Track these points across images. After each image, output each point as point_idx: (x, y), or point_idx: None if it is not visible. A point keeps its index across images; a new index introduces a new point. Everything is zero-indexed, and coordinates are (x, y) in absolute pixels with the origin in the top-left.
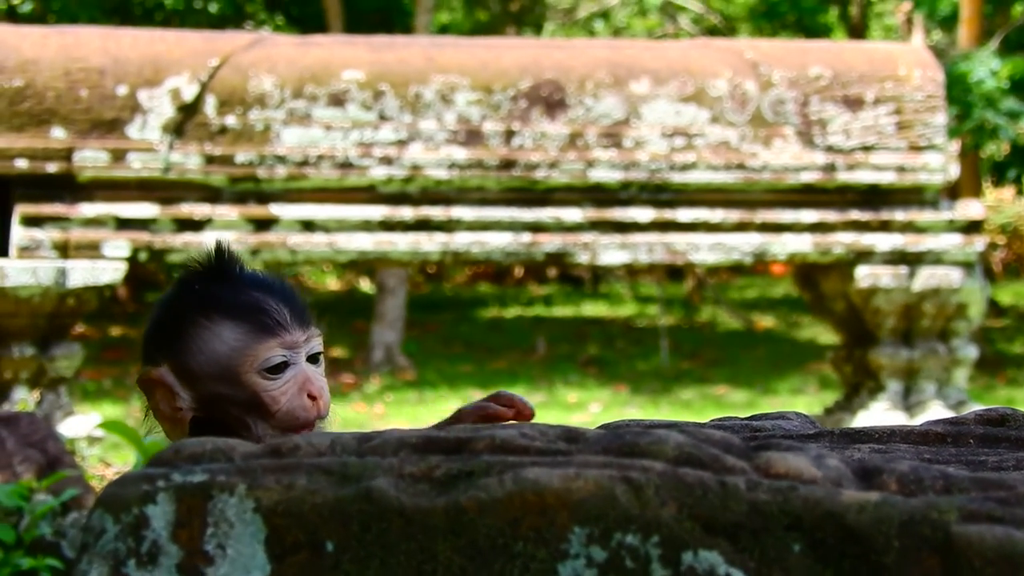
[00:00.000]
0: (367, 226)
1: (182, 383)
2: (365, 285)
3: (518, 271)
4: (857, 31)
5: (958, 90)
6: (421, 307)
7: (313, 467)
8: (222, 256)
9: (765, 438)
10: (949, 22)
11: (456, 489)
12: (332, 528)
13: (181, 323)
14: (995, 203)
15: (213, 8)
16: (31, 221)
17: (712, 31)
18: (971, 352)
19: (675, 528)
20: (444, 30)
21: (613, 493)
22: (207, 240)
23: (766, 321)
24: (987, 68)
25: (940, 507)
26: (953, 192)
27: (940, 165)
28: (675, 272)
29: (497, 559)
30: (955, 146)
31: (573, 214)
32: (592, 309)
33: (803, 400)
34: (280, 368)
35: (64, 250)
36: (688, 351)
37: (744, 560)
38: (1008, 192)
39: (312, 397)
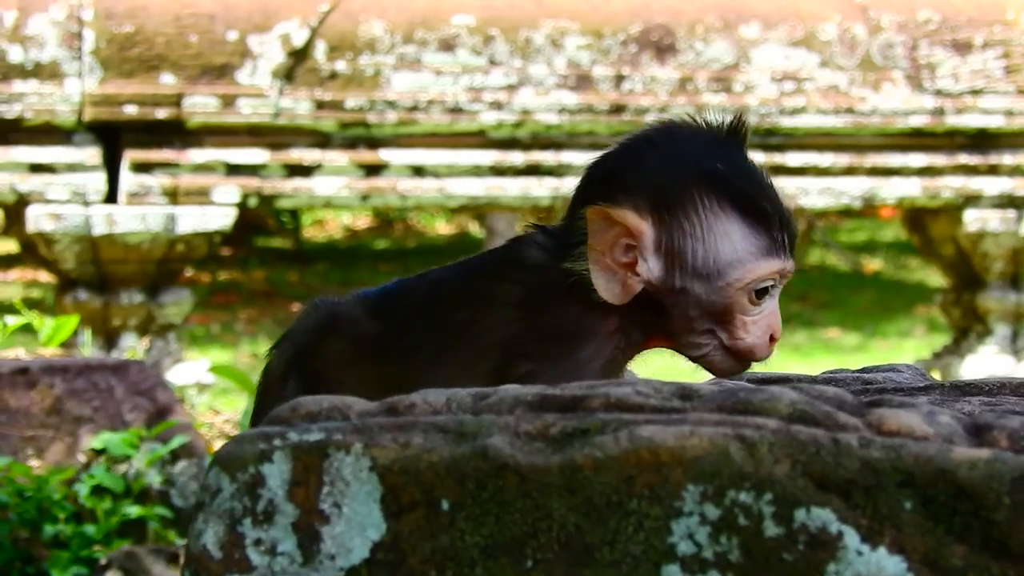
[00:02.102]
0: (477, 171)
1: (656, 251)
2: (475, 229)
3: None
4: None
5: None
6: None
7: (429, 425)
8: (739, 134)
9: (877, 392)
10: None
11: (571, 447)
12: (448, 486)
13: (682, 191)
14: None
15: None
16: (140, 167)
17: None
18: None
19: (788, 486)
20: None
21: (727, 451)
22: (317, 186)
23: (875, 264)
24: None
25: None
26: None
27: None
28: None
29: (612, 516)
30: None
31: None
32: None
33: (912, 343)
34: (763, 294)
35: (173, 196)
36: (797, 294)
37: (856, 517)
38: None
39: (773, 339)
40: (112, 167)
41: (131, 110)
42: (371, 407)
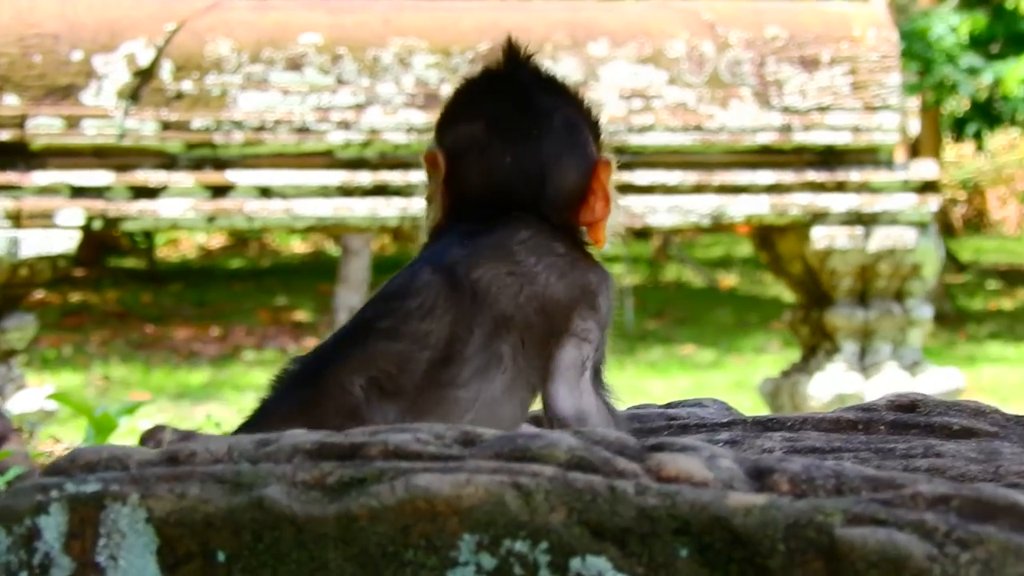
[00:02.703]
0: (325, 192)
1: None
2: (331, 247)
3: None
4: None
5: (918, 46)
6: (388, 268)
7: (206, 475)
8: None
9: (680, 428)
10: None
11: (348, 496)
12: (224, 537)
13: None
14: (956, 159)
15: None
16: None
17: None
18: (926, 312)
19: (564, 534)
20: None
21: (503, 499)
22: (163, 208)
23: (730, 279)
24: (947, 24)
25: (825, 510)
26: (914, 148)
27: (894, 125)
28: (640, 230)
29: (388, 567)
30: (916, 102)
31: None
32: None
33: (767, 358)
34: None
35: (17, 219)
36: (653, 310)
37: (632, 565)
38: (968, 148)
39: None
40: None
41: None
42: (151, 456)
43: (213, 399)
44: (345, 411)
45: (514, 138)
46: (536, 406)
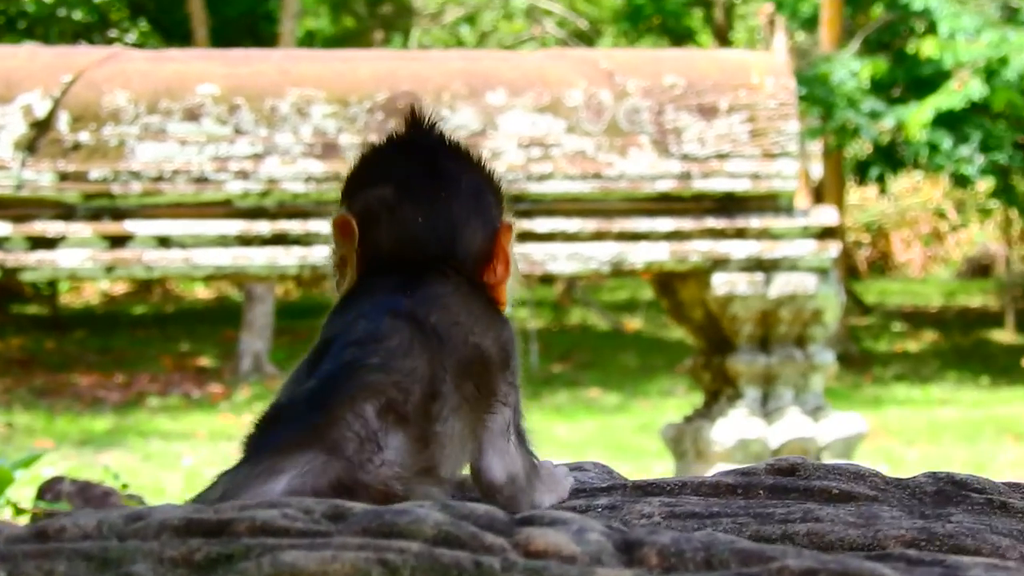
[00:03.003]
0: (224, 241)
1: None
2: (234, 293)
3: None
4: (721, 33)
5: (820, 91)
6: (291, 314)
7: (74, 552)
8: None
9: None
10: (811, 23)
11: (215, 573)
12: None
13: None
14: (859, 202)
15: (77, 15)
16: None
17: (577, 35)
18: (827, 358)
19: None
20: (310, 37)
21: (369, 575)
22: (61, 258)
23: (636, 323)
24: (848, 69)
25: None
26: (817, 192)
27: (793, 172)
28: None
29: None
30: (818, 147)
31: None
32: None
33: (673, 401)
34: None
35: None
36: (559, 354)
37: None
38: (871, 191)
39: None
40: None
41: None
42: (21, 532)
43: (117, 446)
44: (363, 436)
45: (425, 200)
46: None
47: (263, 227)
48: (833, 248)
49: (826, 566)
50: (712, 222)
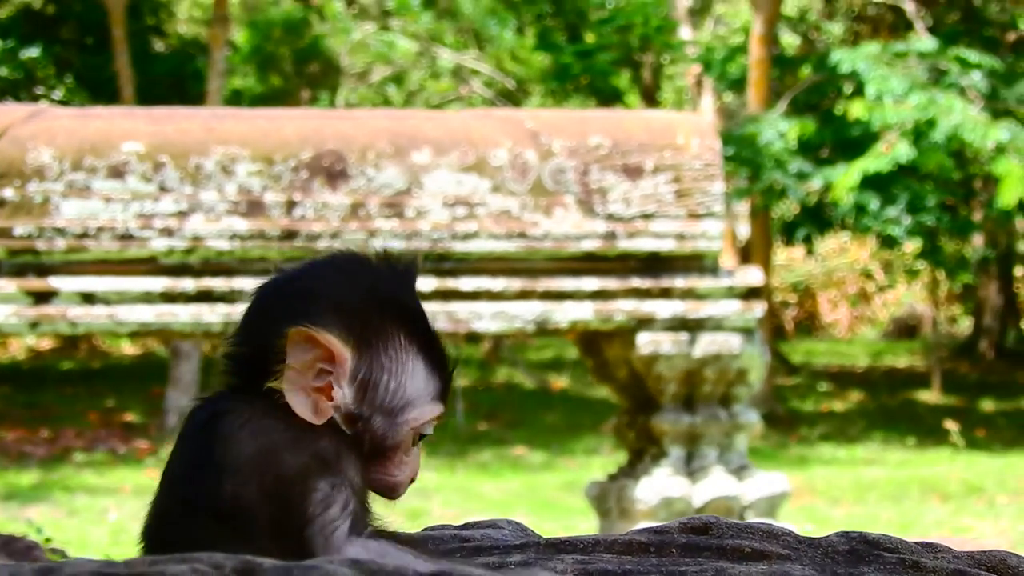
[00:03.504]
0: (148, 298)
1: (352, 380)
2: (161, 349)
3: None
4: (649, 94)
5: (748, 151)
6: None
7: None
8: (413, 273)
9: (473, 550)
10: (738, 84)
11: None
12: None
13: (383, 325)
14: (786, 262)
15: (3, 72)
16: None
17: (504, 94)
18: (751, 417)
19: None
20: (237, 95)
21: None
22: None
23: (562, 381)
24: (775, 130)
25: None
26: (744, 252)
27: (718, 232)
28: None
29: None
30: (745, 207)
31: None
32: None
33: (599, 460)
34: (422, 436)
35: None
36: (485, 412)
37: None
38: (798, 251)
39: (413, 479)
40: None
41: None
42: None
43: (43, 500)
44: None
45: None
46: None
47: (188, 284)
48: (758, 308)
49: None
50: (637, 282)
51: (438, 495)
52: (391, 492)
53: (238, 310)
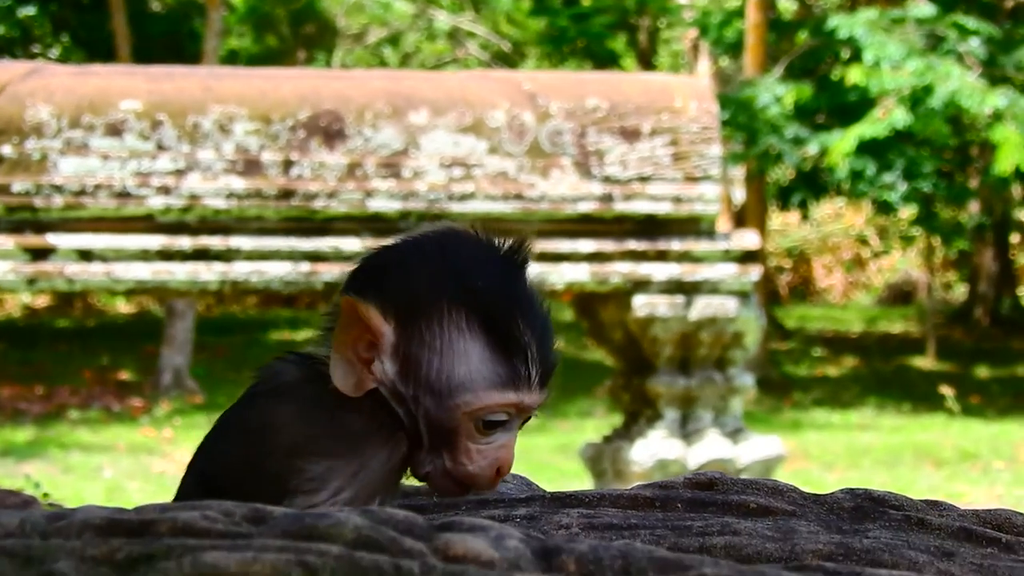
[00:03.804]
0: (145, 255)
1: (394, 355)
2: (156, 308)
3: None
4: (645, 58)
5: (744, 116)
6: (212, 330)
7: None
8: (518, 254)
9: (478, 504)
10: (735, 49)
11: (136, 572)
12: None
13: (432, 302)
14: (781, 227)
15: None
16: None
17: (500, 57)
18: (747, 380)
19: None
20: (233, 55)
21: None
22: None
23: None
24: (771, 94)
25: None
26: (739, 217)
27: (715, 196)
28: None
29: None
30: (741, 172)
31: (352, 244)
32: None
33: (592, 423)
34: (496, 426)
35: None
36: None
37: None
38: (794, 216)
39: (500, 472)
40: None
41: None
42: None
43: (38, 457)
44: None
45: None
46: None
47: (184, 242)
48: (754, 272)
49: (743, 575)
50: (633, 244)
51: None
52: (467, 484)
53: (235, 269)
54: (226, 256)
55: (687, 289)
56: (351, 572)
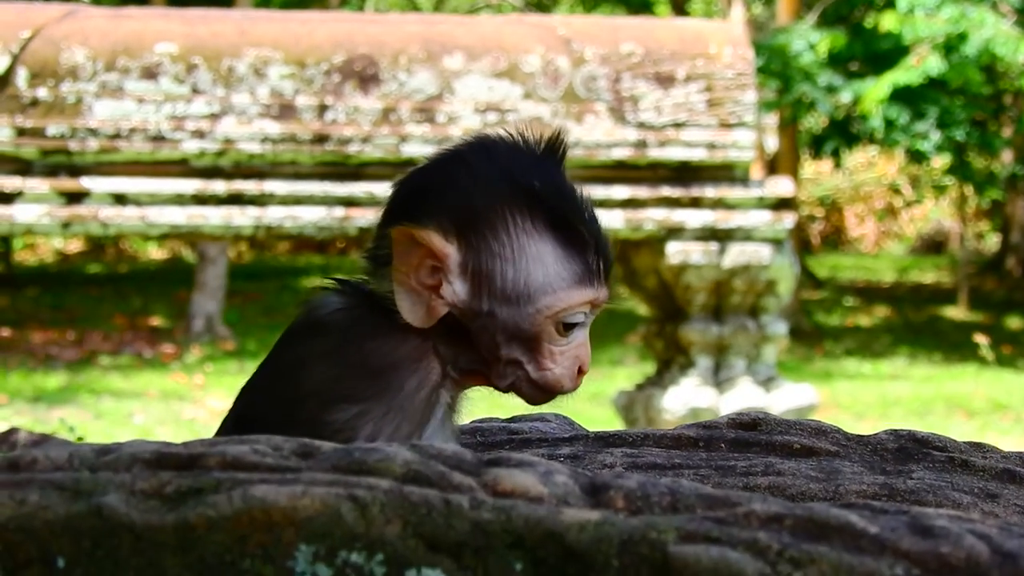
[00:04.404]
0: (179, 200)
1: (462, 273)
2: (188, 254)
3: (341, 240)
4: (678, 4)
5: (777, 63)
6: (243, 276)
7: (47, 482)
8: (556, 150)
9: (521, 443)
10: None
11: (186, 506)
12: (63, 544)
13: (493, 210)
14: (813, 176)
15: None
16: None
17: (534, 3)
18: (780, 329)
19: (399, 546)
20: (267, 1)
21: (339, 511)
22: (18, 213)
23: None
24: (805, 41)
25: (659, 527)
26: (772, 165)
27: (750, 143)
28: None
29: (225, 575)
30: (774, 119)
31: (386, 189)
32: None
33: (624, 371)
34: (573, 325)
35: None
36: None
37: None
38: (826, 165)
39: (581, 371)
40: None
41: None
42: None
43: (70, 403)
44: None
45: None
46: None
47: (219, 187)
48: (788, 219)
49: (792, 511)
50: (667, 191)
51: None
52: (554, 387)
53: (269, 213)
54: (260, 201)
55: (721, 236)
56: (400, 506)
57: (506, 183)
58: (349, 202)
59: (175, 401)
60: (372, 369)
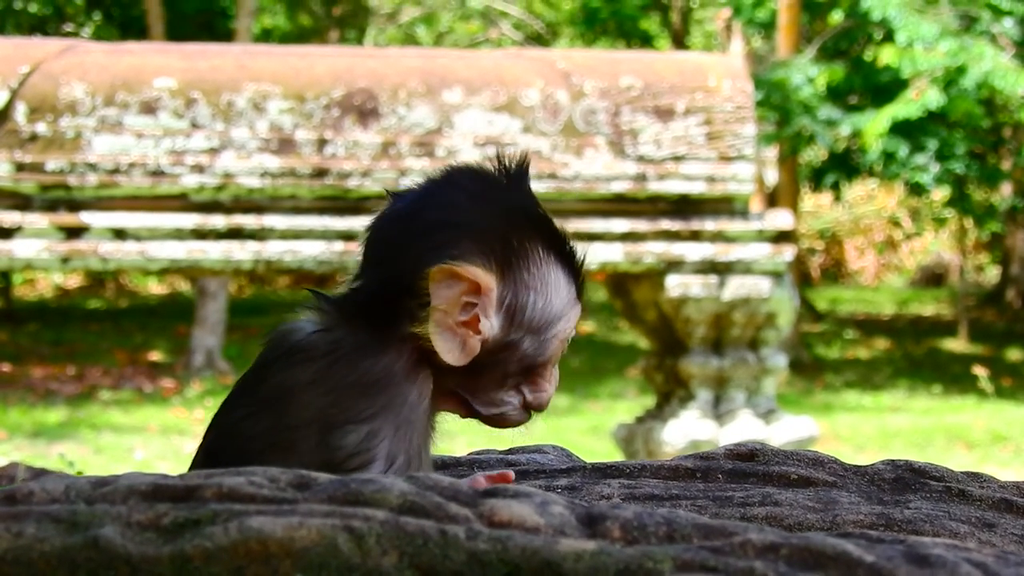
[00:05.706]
0: (179, 234)
1: (498, 307)
2: (187, 288)
3: (340, 274)
4: (678, 38)
5: (777, 97)
6: (243, 311)
7: (43, 515)
8: (523, 178)
9: (519, 475)
10: (768, 29)
11: (182, 537)
12: None
13: (522, 240)
14: (813, 209)
15: (33, 8)
16: None
17: (533, 37)
18: (780, 361)
19: None
20: (266, 34)
21: (335, 542)
22: (17, 248)
23: (587, 326)
24: (804, 75)
25: (655, 556)
26: (772, 198)
27: (749, 176)
28: None
29: None
30: (773, 152)
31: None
32: None
33: (624, 404)
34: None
35: None
36: None
37: None
38: (826, 198)
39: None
40: None
41: None
42: None
43: (70, 438)
44: None
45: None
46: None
47: (218, 221)
48: (787, 252)
49: (788, 541)
50: (667, 224)
51: (462, 437)
52: (542, 406)
53: (268, 247)
54: (260, 235)
55: (720, 269)
56: (397, 537)
57: (519, 215)
58: (349, 236)
59: (176, 436)
60: (371, 387)
